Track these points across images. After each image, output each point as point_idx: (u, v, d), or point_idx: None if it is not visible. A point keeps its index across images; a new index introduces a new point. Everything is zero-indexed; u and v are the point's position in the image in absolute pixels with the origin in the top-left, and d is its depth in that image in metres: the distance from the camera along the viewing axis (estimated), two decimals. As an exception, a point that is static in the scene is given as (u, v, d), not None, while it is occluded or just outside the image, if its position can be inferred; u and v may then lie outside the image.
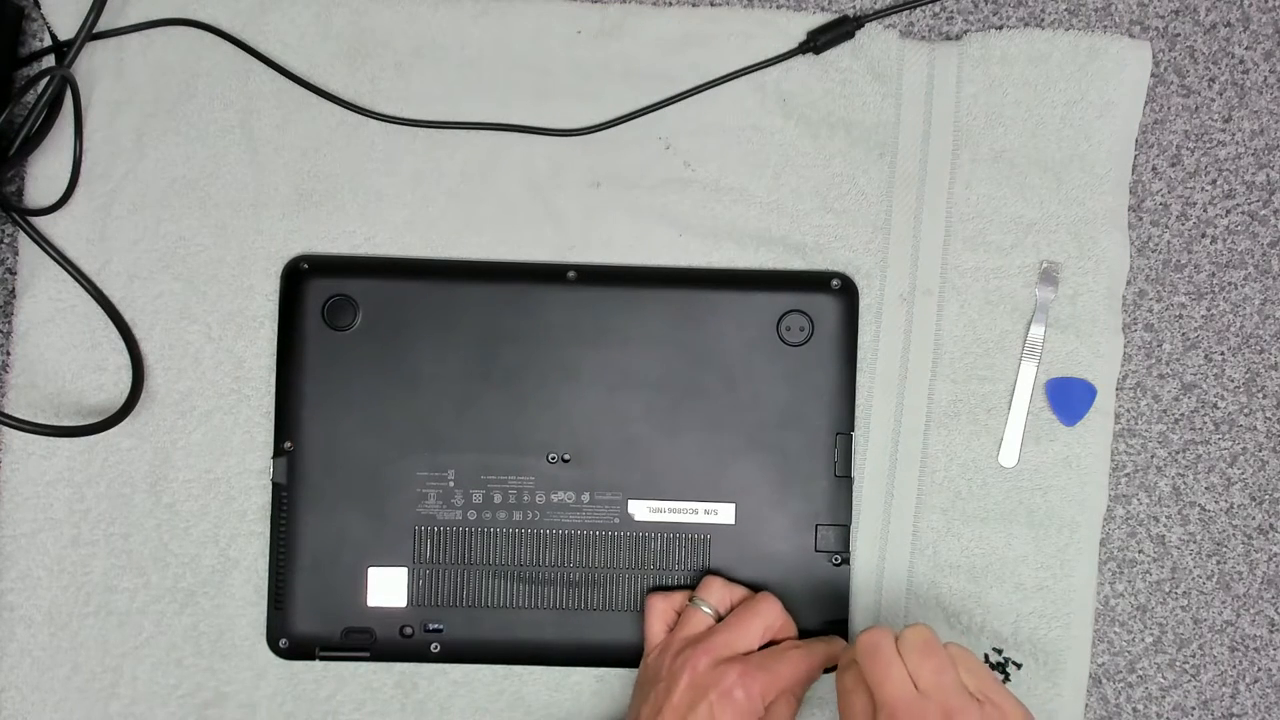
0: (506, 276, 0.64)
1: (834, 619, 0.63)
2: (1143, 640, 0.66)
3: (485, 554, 0.63)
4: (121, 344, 0.63)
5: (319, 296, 0.63)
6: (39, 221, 0.63)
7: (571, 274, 0.64)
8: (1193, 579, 0.66)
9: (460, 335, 0.63)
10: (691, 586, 0.62)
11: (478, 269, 0.64)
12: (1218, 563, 0.66)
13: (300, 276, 0.63)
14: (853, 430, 0.64)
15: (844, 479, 0.63)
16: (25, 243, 0.64)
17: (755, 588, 0.62)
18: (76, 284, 0.63)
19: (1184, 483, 0.66)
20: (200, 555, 0.64)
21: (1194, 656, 0.66)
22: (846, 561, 0.63)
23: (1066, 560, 0.64)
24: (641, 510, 0.63)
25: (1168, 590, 0.66)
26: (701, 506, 0.63)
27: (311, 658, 0.63)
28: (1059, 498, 0.64)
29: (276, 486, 0.63)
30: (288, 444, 0.63)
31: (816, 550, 0.63)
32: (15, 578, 0.63)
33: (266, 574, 0.63)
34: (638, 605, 0.63)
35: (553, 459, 0.63)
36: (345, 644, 0.63)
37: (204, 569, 0.64)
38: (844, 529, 0.63)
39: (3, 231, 0.65)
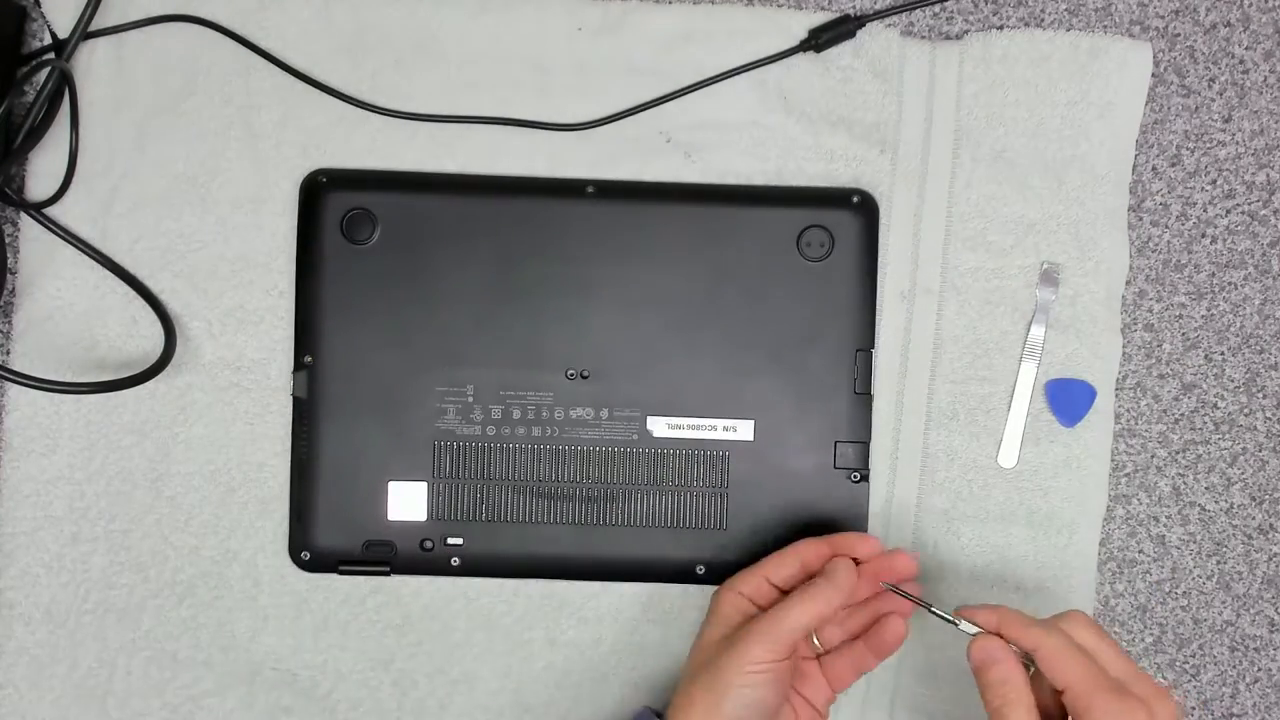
0: (525, 191, 0.63)
1: None
2: (1143, 640, 0.66)
3: (504, 469, 0.63)
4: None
5: (337, 210, 0.63)
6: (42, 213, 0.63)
7: (591, 189, 0.63)
8: (1193, 579, 0.66)
9: (479, 250, 0.63)
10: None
11: (496, 184, 0.64)
12: (1218, 563, 0.66)
13: (319, 190, 0.63)
14: (873, 347, 0.63)
15: (863, 395, 0.63)
16: (25, 240, 0.64)
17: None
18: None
19: (1184, 483, 0.66)
20: (200, 546, 0.63)
21: (1194, 656, 0.66)
22: (865, 478, 0.63)
23: (1066, 561, 0.64)
24: (660, 426, 0.63)
25: (1168, 590, 0.66)
26: (720, 423, 0.63)
27: (333, 570, 0.63)
28: (1059, 498, 0.64)
29: (297, 400, 0.63)
30: (308, 358, 0.62)
31: (835, 467, 0.63)
32: (15, 575, 0.63)
33: (264, 569, 0.63)
34: (655, 521, 0.63)
35: (571, 375, 0.63)
36: (366, 557, 0.63)
37: (204, 560, 0.63)
38: (863, 445, 0.63)
39: (2, 231, 0.65)
